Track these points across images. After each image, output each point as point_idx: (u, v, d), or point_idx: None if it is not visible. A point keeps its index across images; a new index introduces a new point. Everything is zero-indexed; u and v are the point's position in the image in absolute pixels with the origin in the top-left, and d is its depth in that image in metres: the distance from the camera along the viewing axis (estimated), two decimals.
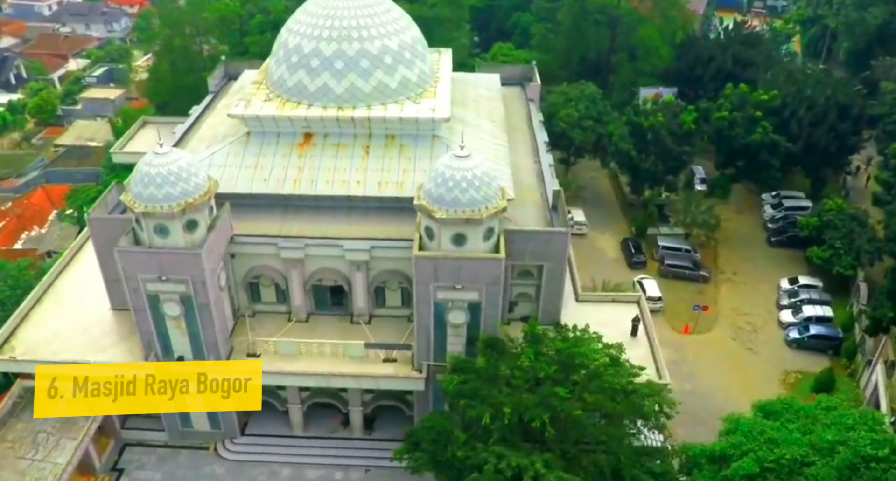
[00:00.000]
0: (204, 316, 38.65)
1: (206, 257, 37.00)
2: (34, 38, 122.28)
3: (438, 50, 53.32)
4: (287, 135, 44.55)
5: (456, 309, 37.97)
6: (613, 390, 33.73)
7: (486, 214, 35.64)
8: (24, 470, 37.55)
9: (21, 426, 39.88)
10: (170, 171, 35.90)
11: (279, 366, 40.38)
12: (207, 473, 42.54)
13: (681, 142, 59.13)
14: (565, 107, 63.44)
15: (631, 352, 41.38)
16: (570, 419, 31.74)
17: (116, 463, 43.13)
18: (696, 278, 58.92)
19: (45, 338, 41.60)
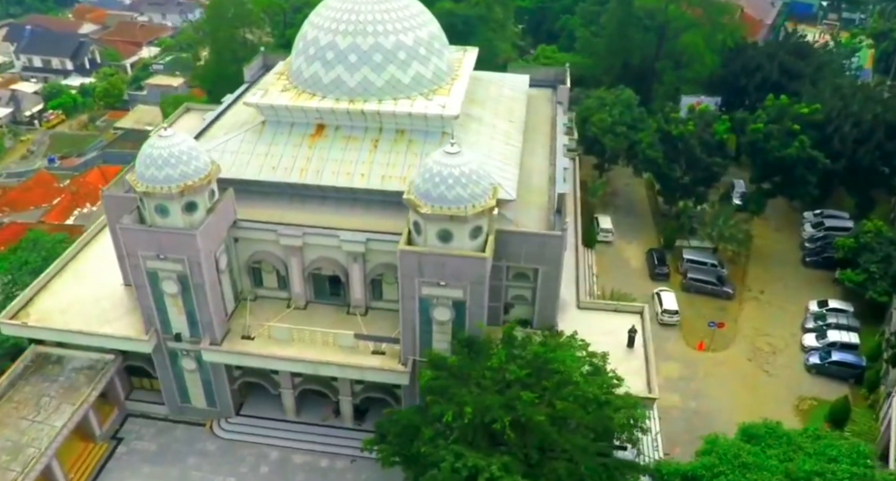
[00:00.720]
0: (200, 295, 39.83)
1: (203, 238, 38.11)
2: (113, 26, 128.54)
3: (464, 48, 53.41)
4: (300, 125, 45.41)
5: (441, 305, 37.95)
6: (586, 399, 33.02)
7: (471, 212, 35.46)
8: (24, 429, 39.51)
9: (28, 389, 41.97)
10: (171, 154, 37.16)
11: (271, 350, 41.23)
12: (200, 449, 43.81)
13: (712, 152, 57.23)
14: (599, 111, 62.34)
15: (625, 363, 40.84)
16: (533, 424, 31.21)
17: (117, 431, 44.97)
18: (719, 294, 56.95)
19: (59, 307, 43.66)
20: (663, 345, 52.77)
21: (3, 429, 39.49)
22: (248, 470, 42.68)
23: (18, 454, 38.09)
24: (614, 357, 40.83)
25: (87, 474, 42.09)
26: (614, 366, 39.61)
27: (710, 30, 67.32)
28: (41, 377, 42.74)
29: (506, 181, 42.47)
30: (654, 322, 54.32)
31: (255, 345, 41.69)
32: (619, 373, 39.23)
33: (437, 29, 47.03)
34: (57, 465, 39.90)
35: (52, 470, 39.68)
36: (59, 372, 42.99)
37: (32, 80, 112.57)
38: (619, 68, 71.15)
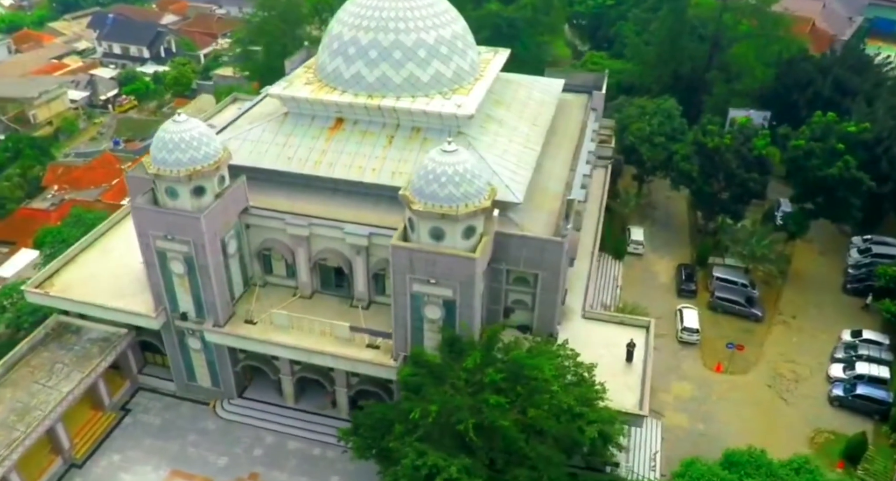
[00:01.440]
0: (204, 277, 41.04)
1: (207, 222, 39.25)
2: (192, 17, 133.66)
3: (495, 49, 53.24)
4: (321, 118, 46.22)
5: (431, 303, 37.89)
6: (560, 409, 32.34)
7: (462, 212, 35.27)
8: (34, 392, 41.58)
9: (45, 355, 44.15)
10: (181, 139, 38.43)
11: (270, 336, 42.11)
12: (200, 427, 45.12)
13: (751, 168, 54.96)
14: (638, 120, 60.89)
15: (622, 377, 39.96)
16: (498, 429, 30.76)
17: (127, 403, 46.80)
18: (746, 315, 54.66)
19: (80, 280, 45.76)
20: (679, 364, 51.18)
21: (15, 391, 41.68)
22: (242, 452, 43.66)
23: (25, 415, 40.13)
24: (612, 370, 40.20)
25: (92, 441, 43.96)
26: (610, 380, 38.95)
27: (765, 41, 64.69)
28: (58, 345, 44.87)
29: (515, 184, 42.12)
30: (674, 339, 52.97)
31: (256, 329, 42.63)
32: (614, 387, 38.55)
33: (461, 28, 46.97)
34: (62, 429, 41.83)
35: (58, 434, 41.65)
36: (75, 342, 45.04)
37: (111, 65, 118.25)
38: (669, 77, 69.24)
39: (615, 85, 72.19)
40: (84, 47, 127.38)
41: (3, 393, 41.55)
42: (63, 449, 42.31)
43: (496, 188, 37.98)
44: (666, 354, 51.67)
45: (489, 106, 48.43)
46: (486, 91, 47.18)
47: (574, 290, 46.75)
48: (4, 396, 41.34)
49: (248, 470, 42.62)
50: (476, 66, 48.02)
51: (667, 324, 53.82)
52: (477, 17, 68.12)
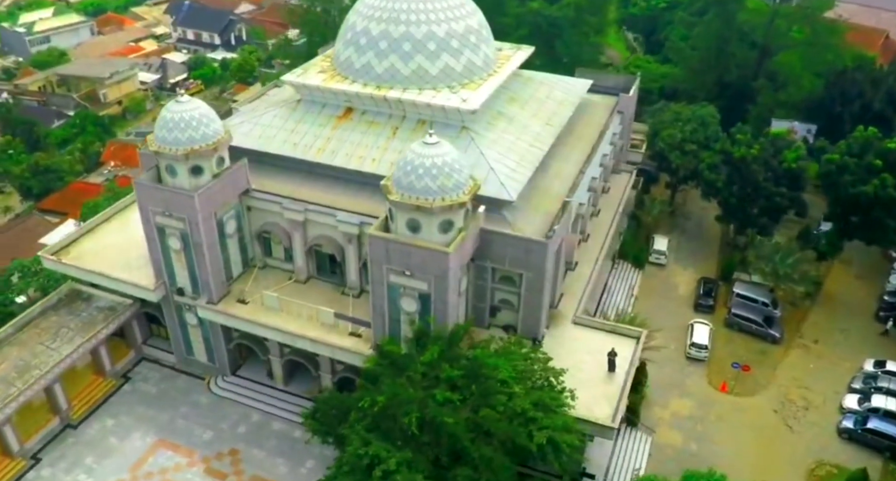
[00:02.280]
0: (199, 254, 42.15)
1: (201, 201, 40.26)
2: (266, 7, 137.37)
3: (517, 46, 52.58)
4: (331, 106, 46.72)
5: (407, 296, 37.73)
6: (514, 412, 31.66)
7: (437, 205, 34.93)
8: (37, 353, 43.68)
9: (54, 319, 46.31)
10: (181, 119, 39.56)
11: (258, 317, 42.88)
12: (192, 400, 46.42)
13: (780, 181, 52.25)
14: (671, 126, 58.88)
15: (601, 387, 38.84)
16: (443, 425, 30.33)
17: (129, 371, 48.55)
18: (763, 336, 52.06)
19: (95, 250, 47.72)
20: (683, 380, 49.28)
21: (21, 350, 43.90)
22: (227, 427, 44.67)
23: (25, 373, 42.22)
24: (591, 378, 39.17)
25: (90, 404, 45.85)
26: (588, 388, 38.03)
27: (815, 50, 61.25)
28: (68, 310, 47.00)
29: (510, 182, 41.46)
30: (682, 354, 51.05)
31: (246, 309, 43.48)
32: (590, 396, 37.64)
33: (476, 23, 46.53)
34: (60, 389, 43.79)
35: (55, 394, 43.62)
36: (83, 309, 47.09)
37: (183, 50, 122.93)
38: (714, 84, 66.61)
39: (658, 90, 70.28)
40: (161, 32, 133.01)
41: (10, 351, 43.82)
42: (61, 409, 44.27)
43: (479, 184, 37.39)
44: (671, 369, 49.87)
45: (502, 102, 47.83)
46: (498, 87, 46.63)
47: (571, 295, 45.61)
48: (10, 354, 43.59)
49: (230, 445, 43.56)
50: (491, 62, 47.46)
51: (677, 338, 51.92)
52: (517, 15, 67.51)
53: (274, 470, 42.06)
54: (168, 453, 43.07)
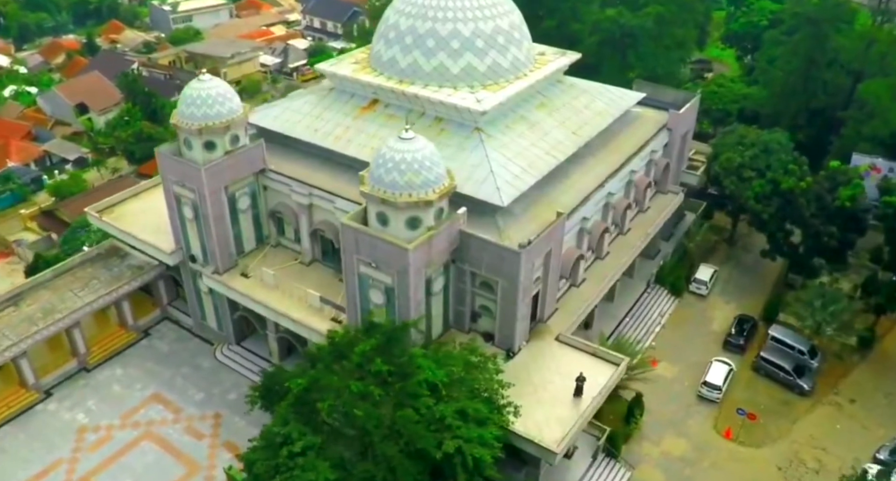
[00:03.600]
0: (206, 225, 44.38)
1: (208, 175, 42.36)
2: None
3: (563, 52, 51.10)
4: (359, 97, 47.64)
5: (375, 288, 37.93)
6: (433, 417, 31.06)
7: (401, 200, 34.81)
8: (65, 298, 47.71)
9: (89, 270, 50.38)
10: (199, 96, 41.79)
11: (253, 292, 44.58)
12: (196, 363, 49.00)
13: (833, 219, 47.39)
14: (731, 149, 55.01)
15: (561, 409, 37.18)
16: (355, 417, 30.25)
17: (150, 328, 51.91)
18: (791, 386, 47.53)
19: (135, 212, 51.40)
20: (685, 419, 46.09)
21: (53, 294, 48.13)
22: (218, 393, 46.80)
23: (48, 315, 46.30)
24: (555, 399, 37.75)
25: (107, 352, 49.50)
26: (545, 409, 36.70)
27: None
28: (102, 264, 50.96)
29: (509, 188, 40.52)
30: (693, 392, 47.75)
31: (246, 283, 45.31)
32: (544, 417, 36.27)
33: (507, 24, 45.68)
34: (80, 335, 47.62)
35: (75, 338, 47.51)
36: (116, 264, 50.89)
37: (308, 38, 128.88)
38: (799, 110, 61.38)
39: (737, 112, 65.88)
40: (293, 19, 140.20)
41: (44, 294, 48.17)
42: (79, 353, 48.14)
43: (453, 185, 36.80)
44: (676, 405, 46.83)
45: (529, 107, 46.72)
46: (525, 91, 45.74)
47: (568, 312, 43.87)
48: (43, 297, 47.92)
49: (216, 409, 45.60)
50: (521, 65, 46.41)
51: (694, 374, 48.62)
52: (594, 22, 65.49)
53: (246, 438, 43.38)
54: (159, 407, 45.76)
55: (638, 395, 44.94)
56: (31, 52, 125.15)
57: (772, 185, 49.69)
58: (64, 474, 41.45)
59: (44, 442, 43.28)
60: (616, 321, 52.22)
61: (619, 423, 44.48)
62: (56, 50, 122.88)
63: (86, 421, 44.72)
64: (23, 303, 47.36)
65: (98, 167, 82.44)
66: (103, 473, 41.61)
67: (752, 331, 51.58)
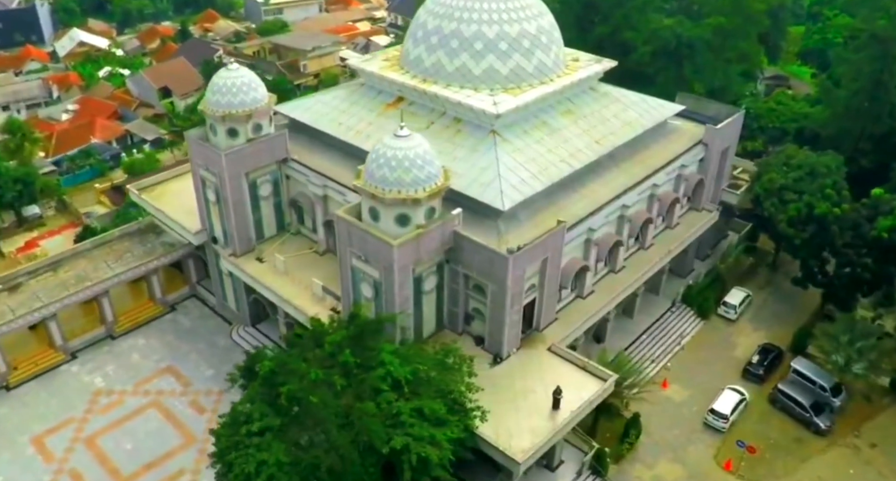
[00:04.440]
0: (226, 209, 46.09)
1: (228, 160, 43.94)
2: None
3: (598, 59, 50.15)
4: (386, 94, 48.35)
5: (365, 281, 38.46)
6: (390, 413, 31.27)
7: (389, 196, 35.13)
8: (99, 268, 50.57)
9: (126, 244, 53.22)
10: (224, 84, 43.45)
11: (262, 276, 46.00)
12: (212, 341, 50.96)
13: (869, 250, 44.32)
14: (775, 169, 52.41)
15: (533, 420, 36.68)
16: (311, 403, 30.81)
17: (178, 304, 54.34)
18: (807, 423, 44.94)
19: (174, 191, 53.84)
20: (685, 445, 44.34)
21: (88, 264, 51.13)
22: (226, 371, 46.85)
23: (80, 282, 49.23)
24: (533, 409, 37.26)
25: (134, 323, 52.16)
26: (521, 418, 36.28)
27: None
28: (139, 239, 53.73)
29: (513, 193, 40.26)
30: (700, 419, 45.87)
31: (258, 267, 46.79)
32: (516, 425, 35.92)
33: (534, 28, 45.21)
34: (108, 303, 50.41)
35: (103, 306, 50.32)
36: (151, 240, 53.54)
37: (391, 35, 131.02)
38: (861, 134, 57.69)
39: (795, 131, 62.66)
40: (380, 16, 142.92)
41: (81, 262, 51.26)
42: (107, 321, 50.96)
43: (444, 186, 36.71)
44: (679, 431, 45.15)
45: (552, 113, 46.14)
46: (551, 96, 45.42)
47: (568, 323, 43.04)
48: (79, 265, 51.00)
49: (221, 386, 46.94)
50: (547, 70, 45.87)
51: (705, 401, 46.63)
52: (651, 31, 63.74)
53: None
54: (171, 379, 47.89)
55: (635, 415, 43.60)
56: (130, 37, 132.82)
57: (808, 209, 46.99)
58: (73, 432, 44.01)
59: (61, 400, 46.11)
60: (632, 337, 50.85)
61: (614, 442, 43.34)
62: (152, 35, 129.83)
63: (102, 384, 47.33)
64: (60, 270, 50.55)
65: (172, 148, 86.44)
66: (107, 434, 43.91)
67: (774, 362, 49.06)
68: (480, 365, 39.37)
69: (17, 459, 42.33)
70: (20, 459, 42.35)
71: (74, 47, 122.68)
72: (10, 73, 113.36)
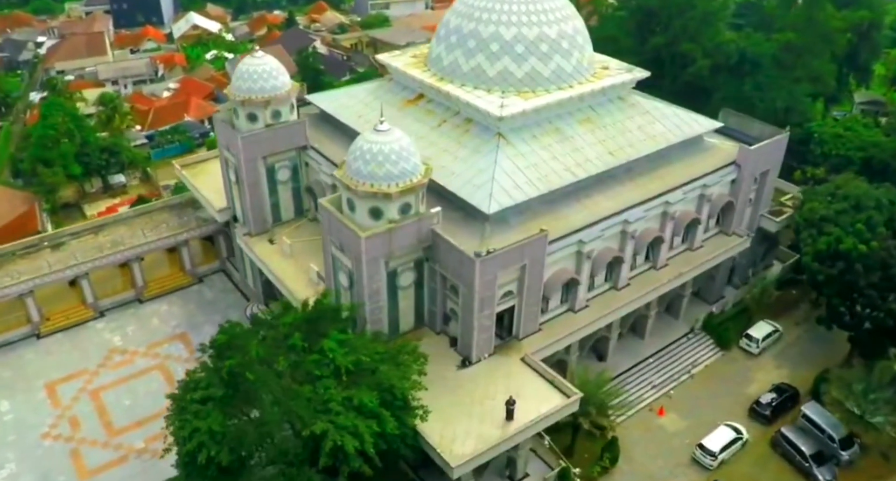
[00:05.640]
0: (243, 190, 48.09)
1: (244, 143, 45.82)
2: None
3: (630, 68, 48.52)
4: (409, 90, 48.97)
5: (341, 270, 39.14)
6: (322, 399, 31.82)
7: (360, 189, 35.56)
8: (134, 235, 54.00)
9: (164, 215, 56.48)
10: (246, 71, 45.31)
11: (267, 257, 47.68)
12: (227, 314, 52.44)
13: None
14: (819, 199, 48.75)
15: (484, 427, 36.37)
16: (249, 380, 31.83)
17: (205, 276, 57.14)
18: (806, 473, 41.64)
19: (213, 171, 56.14)
20: (666, 479, 42.25)
21: (126, 230, 54.64)
22: None
23: (114, 246, 52.80)
24: (486, 416, 36.84)
25: (162, 290, 55.28)
26: (473, 424, 35.91)
27: None
28: (178, 212, 56.89)
29: (502, 197, 39.92)
30: (688, 452, 43.56)
31: (266, 249, 48.49)
32: (463, 429, 35.64)
33: (555, 33, 44.31)
34: (138, 269, 53.74)
35: (134, 271, 53.73)
36: (188, 214, 56.57)
37: None
38: None
39: (860, 160, 57.99)
40: None
41: (120, 229, 54.91)
42: (137, 286, 54.36)
43: (418, 183, 36.53)
44: (664, 461, 43.11)
45: (569, 120, 45.17)
46: (563, 102, 44.34)
47: (550, 334, 41.93)
48: (119, 231, 54.67)
49: None
50: (565, 76, 44.93)
51: (701, 435, 44.18)
52: (709, 44, 60.79)
53: None
54: (180, 345, 50.56)
55: (613, 439, 42.01)
56: (242, 23, 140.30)
57: (836, 244, 43.42)
58: (82, 383, 47.41)
59: (80, 353, 49.73)
60: (638, 359, 48.95)
61: (591, 463, 41.94)
62: (261, 23, 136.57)
63: (119, 343, 50.64)
64: (101, 233, 54.40)
65: None
66: (111, 389, 46.99)
67: (787, 403, 45.78)
68: (448, 367, 39.49)
69: (29, 401, 46.08)
70: (32, 401, 46.07)
71: (188, 30, 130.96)
72: (126, 51, 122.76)
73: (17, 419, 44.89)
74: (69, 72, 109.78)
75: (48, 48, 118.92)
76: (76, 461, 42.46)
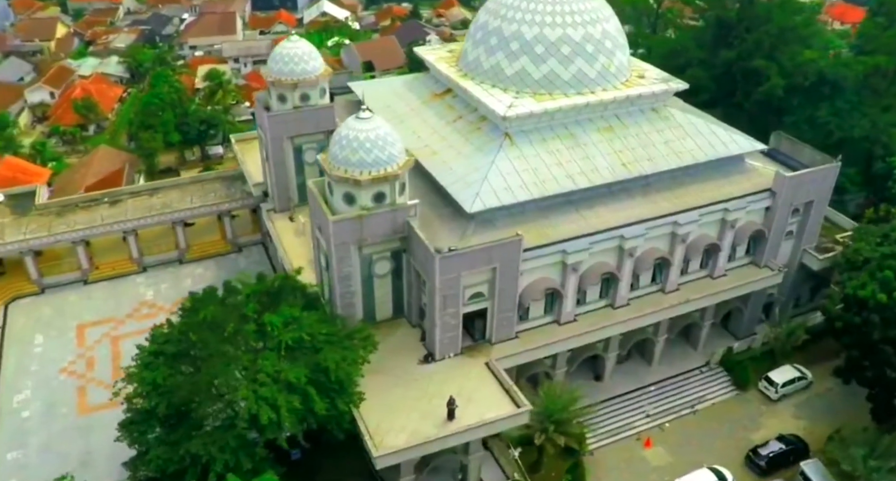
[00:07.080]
0: (269, 167, 50.20)
1: (271, 122, 47.91)
2: None
3: (667, 79, 46.25)
4: (440, 84, 49.16)
5: (321, 252, 39.99)
6: (264, 371, 32.83)
7: (335, 173, 36.09)
8: (183, 200, 57.66)
9: (216, 186, 59.54)
10: (279, 53, 47.60)
11: (280, 232, 49.54)
12: None
13: None
14: (868, 240, 44.01)
15: (425, 423, 36.12)
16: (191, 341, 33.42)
17: (244, 246, 59.97)
18: None
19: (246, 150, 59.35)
20: None
21: (178, 195, 58.33)
22: None
23: (162, 209, 56.62)
24: (431, 414, 36.29)
25: (202, 253, 58.73)
26: (413, 419, 35.79)
27: None
28: (227, 184, 59.98)
29: (489, 197, 39.43)
30: None
31: (284, 225, 50.37)
32: (404, 424, 35.63)
33: (580, 36, 42.86)
34: (182, 235, 57.38)
35: (178, 236, 57.42)
36: (233, 187, 59.50)
37: None
38: None
39: None
40: None
41: (173, 194, 58.71)
42: (180, 247, 58.05)
43: (392, 173, 36.38)
44: None
45: (587, 126, 43.73)
46: (579, 108, 42.84)
47: (526, 343, 40.69)
48: (171, 195, 58.53)
49: None
50: (587, 81, 43.47)
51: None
52: (787, 62, 56.18)
53: None
54: None
55: (577, 462, 40.26)
56: (371, 13, 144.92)
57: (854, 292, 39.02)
58: (108, 328, 51.45)
59: (115, 301, 53.91)
60: (638, 384, 46.53)
61: None
62: (387, 14, 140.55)
63: (150, 297, 54.41)
64: (156, 195, 58.52)
65: None
66: (130, 339, 49.93)
67: (788, 456, 41.79)
68: (411, 360, 39.39)
69: (60, 338, 50.60)
70: (62, 339, 50.55)
71: (318, 16, 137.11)
72: (256, 33, 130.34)
73: (45, 352, 49.42)
74: (200, 47, 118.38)
75: (186, 24, 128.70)
76: (80, 397, 46.23)
